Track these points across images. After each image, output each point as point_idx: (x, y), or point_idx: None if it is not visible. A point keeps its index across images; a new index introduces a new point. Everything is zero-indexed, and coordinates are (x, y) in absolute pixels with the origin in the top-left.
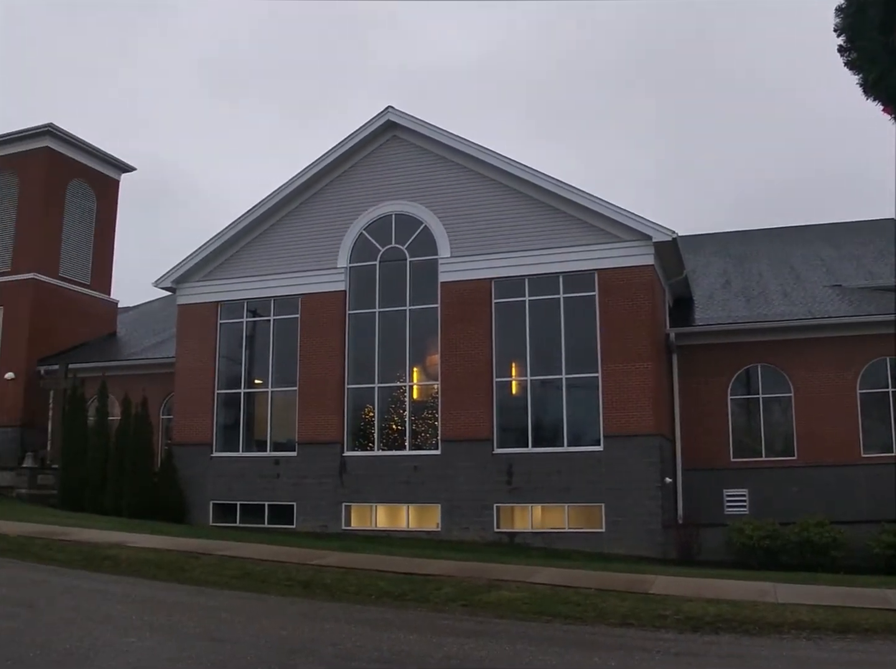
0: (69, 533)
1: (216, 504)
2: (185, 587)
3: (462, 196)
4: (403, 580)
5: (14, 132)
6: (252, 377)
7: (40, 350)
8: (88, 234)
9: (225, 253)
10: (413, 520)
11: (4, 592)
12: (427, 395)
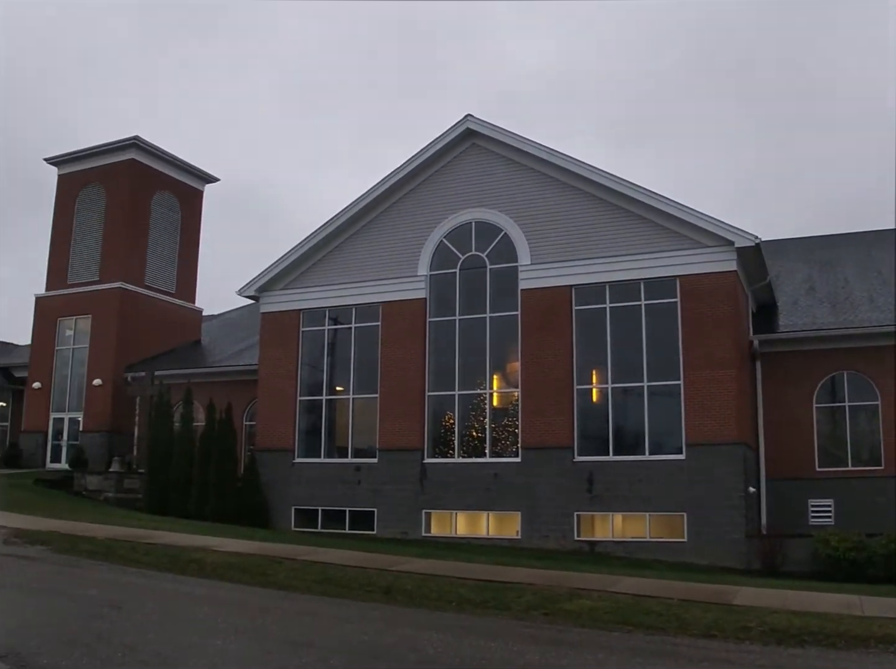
0: (155, 537)
1: (298, 510)
2: (269, 590)
3: (541, 203)
4: (484, 587)
5: (101, 145)
6: (333, 384)
7: (127, 358)
8: (173, 244)
9: (307, 262)
10: (493, 527)
11: (94, 593)
12: (507, 402)
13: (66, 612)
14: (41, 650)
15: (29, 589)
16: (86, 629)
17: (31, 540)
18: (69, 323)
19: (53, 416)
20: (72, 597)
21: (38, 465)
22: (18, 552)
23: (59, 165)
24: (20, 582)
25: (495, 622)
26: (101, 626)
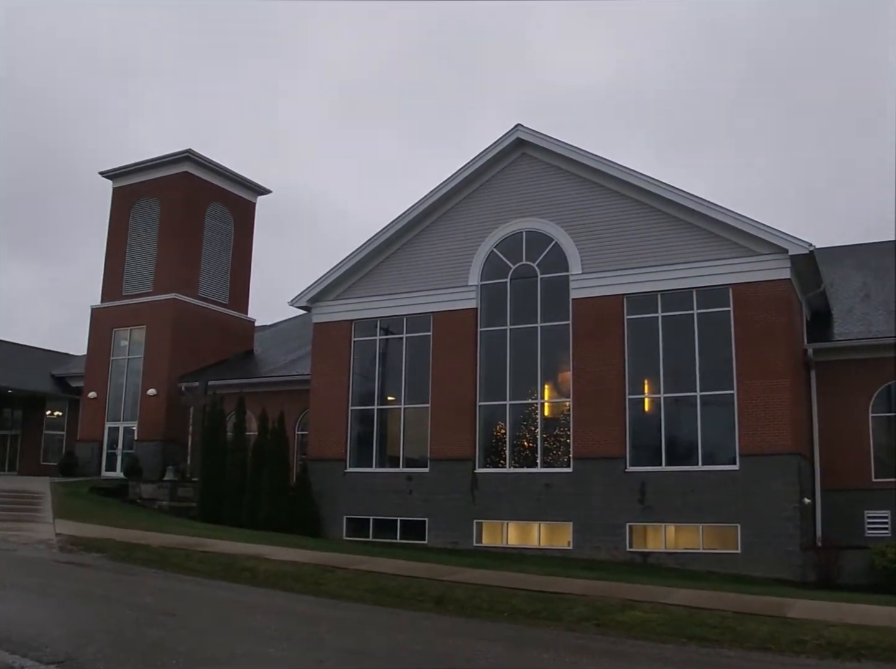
0: (209, 545)
1: (350, 519)
2: (321, 599)
3: (592, 212)
4: (536, 597)
5: (155, 158)
6: (385, 394)
7: (181, 368)
8: (226, 255)
9: (358, 272)
10: (544, 538)
11: (149, 601)
12: (558, 412)
13: (122, 619)
14: (98, 656)
15: (86, 596)
16: (141, 636)
17: (88, 548)
18: (124, 334)
19: (109, 425)
20: (127, 604)
21: (93, 473)
22: (75, 559)
23: (114, 178)
24: (77, 589)
25: (548, 632)
26: (156, 633)
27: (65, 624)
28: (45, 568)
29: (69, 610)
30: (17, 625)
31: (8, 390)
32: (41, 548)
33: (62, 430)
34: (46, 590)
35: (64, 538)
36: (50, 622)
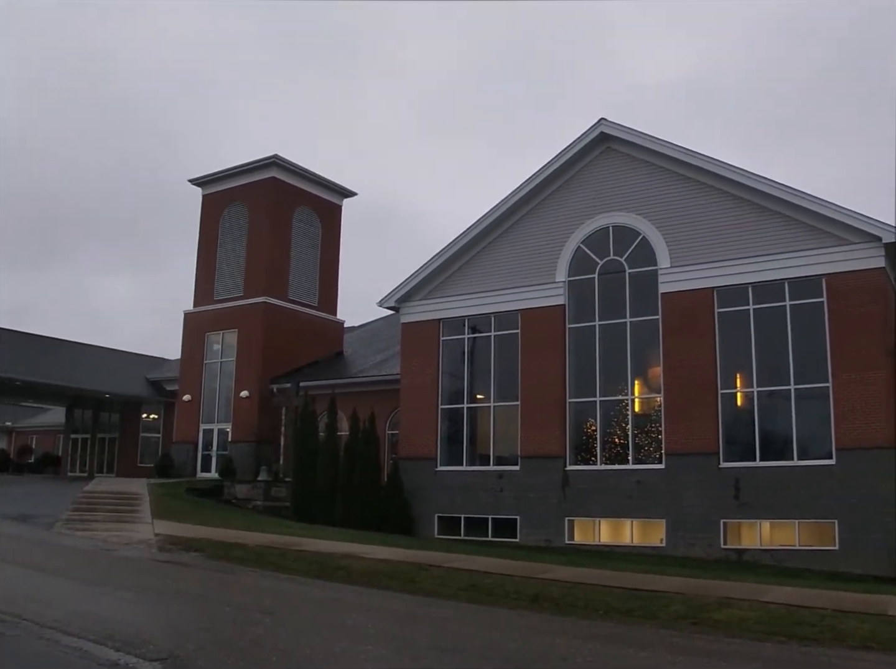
0: (303, 544)
1: (441, 517)
2: (415, 597)
3: (679, 205)
4: (631, 595)
5: (242, 164)
6: (474, 393)
7: (272, 370)
8: (314, 257)
9: (444, 272)
10: (637, 535)
11: (247, 599)
12: (649, 408)
13: (221, 617)
14: (199, 653)
15: (185, 595)
16: (240, 633)
17: (186, 547)
18: (216, 337)
19: (203, 427)
20: (226, 603)
21: (188, 474)
22: (174, 558)
23: (203, 185)
24: (177, 588)
25: (644, 631)
26: (254, 631)
27: (166, 622)
28: (145, 568)
29: (169, 608)
30: (120, 623)
31: (105, 394)
32: (141, 548)
33: (158, 432)
34: (147, 589)
35: (162, 538)
36: (151, 620)
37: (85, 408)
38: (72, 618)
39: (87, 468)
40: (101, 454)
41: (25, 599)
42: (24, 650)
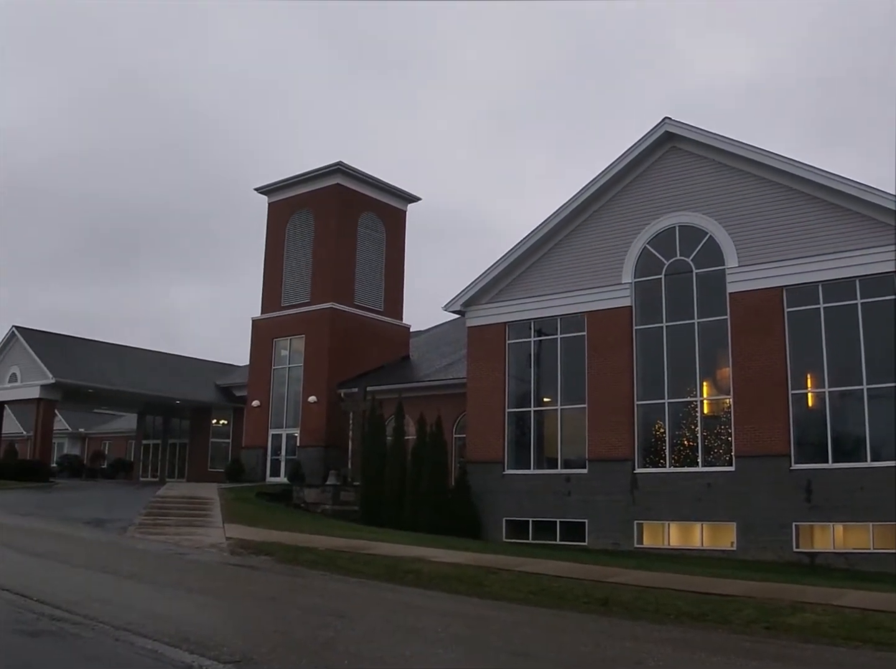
0: (372, 547)
1: (509, 521)
2: (485, 601)
3: (746, 203)
4: (702, 600)
5: (307, 172)
6: (541, 395)
7: (340, 375)
8: (379, 263)
9: (510, 275)
10: (707, 538)
11: (318, 602)
12: (718, 409)
13: (292, 620)
14: (271, 656)
15: (257, 598)
16: (312, 636)
17: (256, 551)
18: (284, 343)
19: (272, 432)
20: (297, 606)
21: (258, 479)
22: (245, 562)
23: (269, 193)
24: (249, 591)
25: (716, 635)
26: (326, 634)
27: (239, 625)
28: (217, 571)
29: (242, 611)
30: (193, 626)
31: (176, 401)
32: (212, 552)
33: (227, 438)
34: (219, 592)
35: (233, 542)
36: (225, 622)
37: (156, 414)
38: (146, 621)
39: (159, 473)
40: (171, 460)
41: (101, 602)
42: (99, 652)
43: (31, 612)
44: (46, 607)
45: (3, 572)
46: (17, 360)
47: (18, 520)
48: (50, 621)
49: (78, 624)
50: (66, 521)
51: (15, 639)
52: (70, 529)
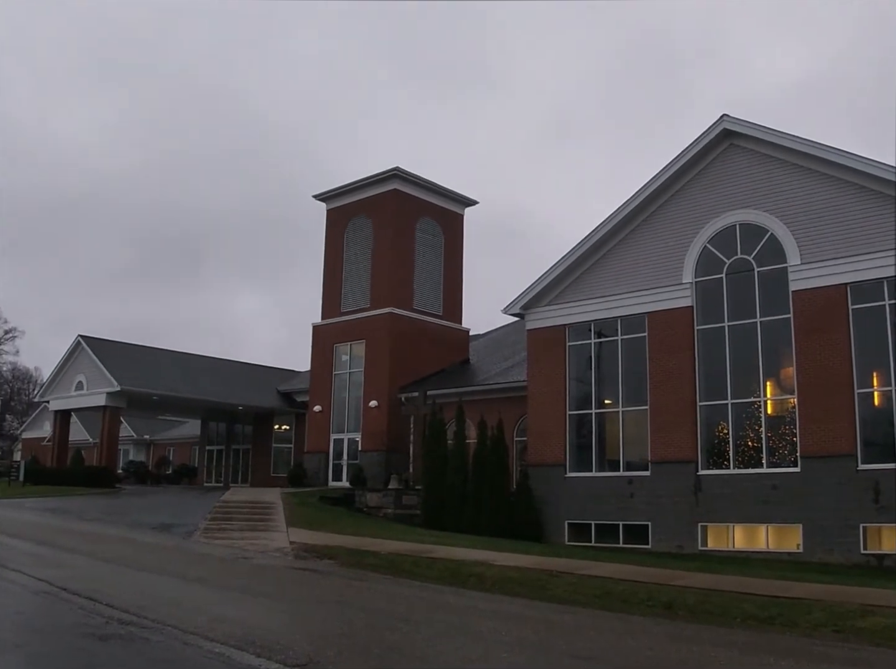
0: (435, 551)
1: (571, 524)
2: (548, 604)
3: (807, 199)
4: (769, 603)
5: (364, 178)
6: (602, 397)
7: (400, 379)
8: (438, 267)
9: (569, 277)
10: (772, 541)
11: (383, 606)
12: (783, 409)
13: (357, 624)
14: (337, 659)
15: (321, 602)
16: (378, 640)
17: (320, 555)
18: (344, 348)
19: (333, 437)
20: (361, 609)
21: (320, 483)
22: (309, 566)
23: (327, 200)
24: (313, 595)
25: (783, 639)
26: (391, 637)
27: (304, 628)
28: (282, 575)
29: (307, 615)
30: (260, 630)
31: (238, 407)
32: (277, 556)
33: (290, 443)
34: (285, 596)
35: (297, 546)
36: (290, 626)
37: (219, 420)
38: (214, 624)
39: (222, 479)
40: (235, 465)
41: (169, 605)
42: (168, 655)
43: (101, 616)
44: (115, 611)
45: (72, 577)
46: (83, 368)
47: (86, 526)
48: (119, 625)
49: (146, 628)
50: (132, 526)
51: (85, 643)
52: (137, 534)
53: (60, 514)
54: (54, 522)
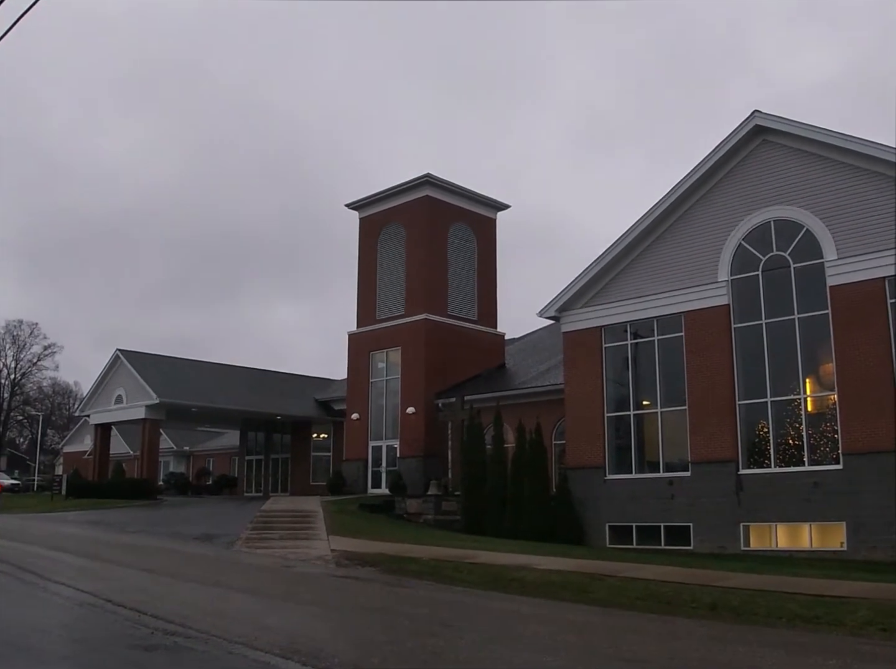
0: (475, 556)
1: (612, 526)
2: (591, 607)
3: (842, 194)
4: (814, 602)
5: (396, 186)
6: (640, 399)
7: (436, 385)
8: (471, 272)
9: (603, 278)
10: (816, 539)
11: (425, 612)
12: (824, 406)
13: (400, 630)
14: (382, 666)
15: (364, 609)
16: (421, 646)
17: (362, 562)
18: (380, 356)
19: (371, 444)
20: (404, 616)
21: (360, 491)
22: (351, 573)
23: (360, 209)
24: (356, 602)
25: (830, 638)
26: (435, 643)
27: (348, 636)
28: (324, 583)
29: (350, 622)
30: (304, 638)
31: (277, 416)
32: (318, 564)
33: (328, 451)
34: (328, 604)
35: (338, 554)
36: (334, 633)
37: (258, 430)
38: (258, 633)
39: (262, 488)
40: (274, 474)
41: (213, 615)
42: (214, 665)
43: (146, 627)
44: (160, 621)
45: (117, 588)
46: (123, 382)
47: (129, 538)
48: (164, 635)
49: (191, 638)
50: (175, 537)
51: (131, 654)
52: (179, 545)
53: (103, 526)
54: (97, 534)
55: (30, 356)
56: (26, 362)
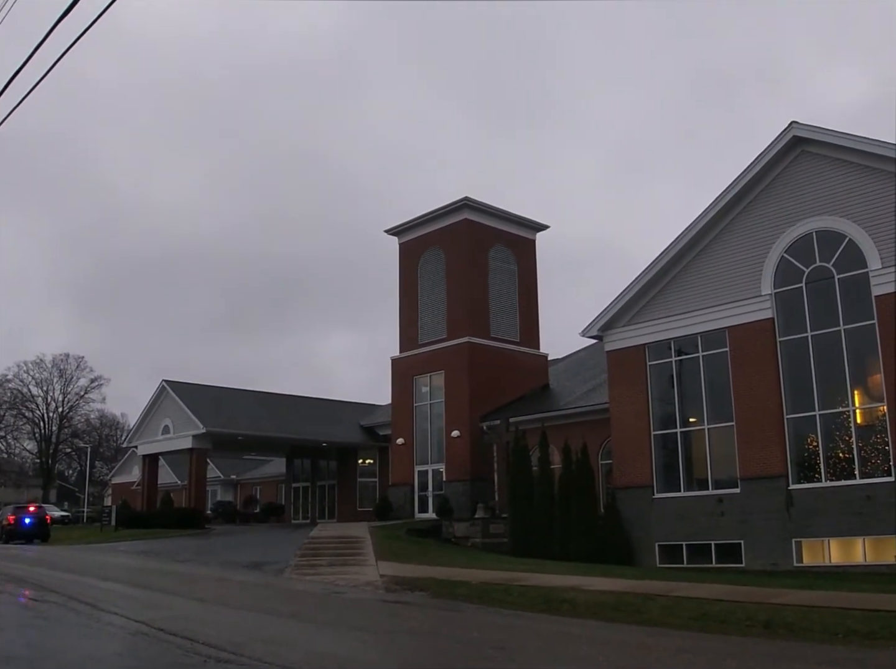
0: (525, 579)
1: (661, 546)
2: (644, 628)
3: (884, 202)
4: (870, 617)
5: (434, 210)
6: (686, 416)
7: (480, 408)
8: (512, 293)
9: (645, 296)
10: (869, 553)
11: (476, 635)
12: (873, 418)
13: (451, 654)
14: None
15: (415, 633)
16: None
17: (411, 587)
18: (424, 380)
19: (417, 469)
20: (455, 639)
21: (406, 515)
22: (401, 598)
23: (399, 234)
24: (407, 627)
25: (889, 653)
26: (487, 666)
27: (399, 660)
28: (374, 608)
29: (401, 647)
30: (355, 663)
31: (322, 443)
32: (368, 589)
33: (374, 477)
34: (378, 629)
35: (387, 579)
36: (385, 658)
37: (304, 457)
38: (310, 659)
39: (309, 515)
40: (321, 501)
41: (264, 642)
42: None
43: (198, 655)
44: (212, 649)
45: (168, 617)
46: (169, 412)
47: (179, 567)
48: (216, 663)
49: (244, 665)
50: (224, 565)
51: None
52: (229, 573)
53: (153, 556)
54: (147, 564)
55: (77, 389)
56: (73, 394)
